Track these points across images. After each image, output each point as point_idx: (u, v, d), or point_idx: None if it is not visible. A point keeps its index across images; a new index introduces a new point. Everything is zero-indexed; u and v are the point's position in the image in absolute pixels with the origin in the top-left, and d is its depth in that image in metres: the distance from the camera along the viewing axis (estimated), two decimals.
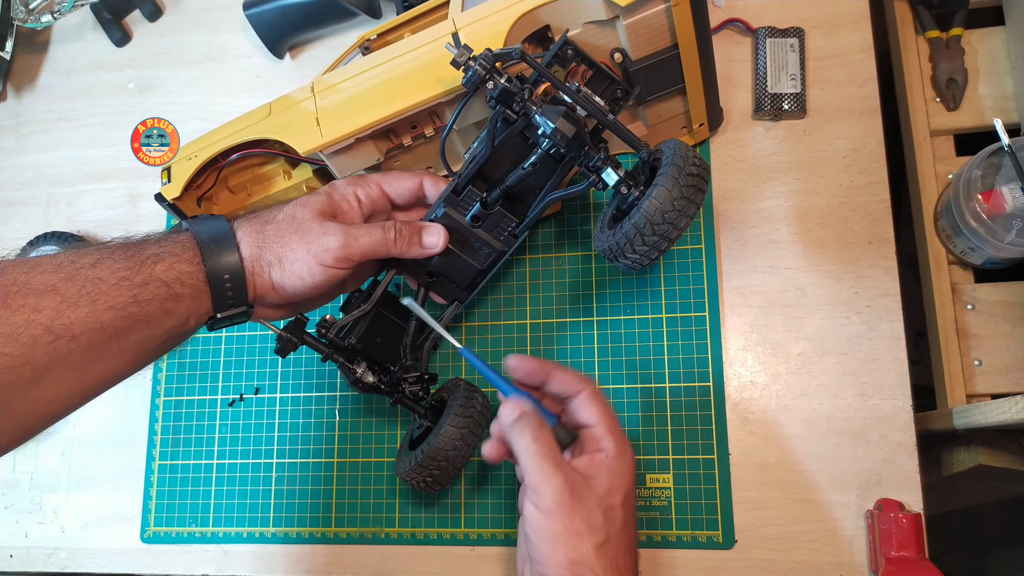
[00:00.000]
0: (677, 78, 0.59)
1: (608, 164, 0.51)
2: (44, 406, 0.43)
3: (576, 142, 0.50)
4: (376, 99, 0.56)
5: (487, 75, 0.49)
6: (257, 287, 0.50)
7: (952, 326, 0.67)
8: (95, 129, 0.84)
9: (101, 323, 0.43)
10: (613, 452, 0.49)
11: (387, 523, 0.68)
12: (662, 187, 0.47)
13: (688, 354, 0.65)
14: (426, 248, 0.55)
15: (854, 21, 0.69)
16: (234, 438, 0.72)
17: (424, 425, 0.61)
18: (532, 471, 0.47)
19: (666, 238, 0.48)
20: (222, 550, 0.70)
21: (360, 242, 0.51)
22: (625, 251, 0.50)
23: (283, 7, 0.76)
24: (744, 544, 0.62)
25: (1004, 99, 0.70)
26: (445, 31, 0.56)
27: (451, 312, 0.60)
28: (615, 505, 0.48)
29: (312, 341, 0.56)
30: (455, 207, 0.56)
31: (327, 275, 0.50)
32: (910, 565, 0.56)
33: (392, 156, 0.62)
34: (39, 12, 0.83)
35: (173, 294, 0.46)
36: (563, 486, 0.46)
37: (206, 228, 0.50)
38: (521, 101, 0.50)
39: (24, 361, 0.41)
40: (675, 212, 0.47)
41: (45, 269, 0.44)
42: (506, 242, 0.57)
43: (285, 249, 0.50)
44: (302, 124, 0.58)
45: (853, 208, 0.66)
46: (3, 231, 0.83)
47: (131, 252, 0.47)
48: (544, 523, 0.46)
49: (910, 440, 0.61)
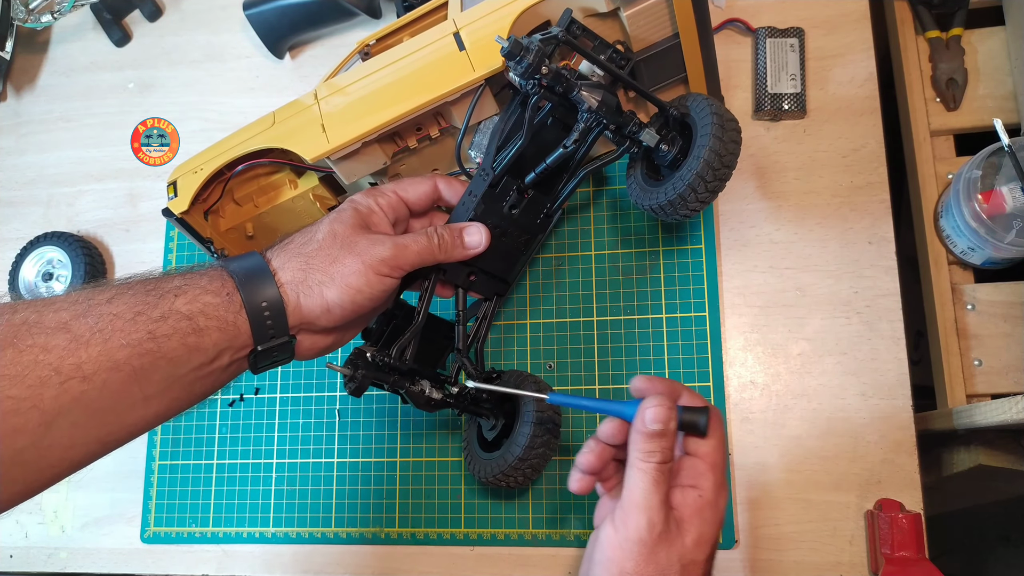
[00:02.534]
0: (679, 67, 0.60)
1: (642, 127, 0.54)
2: (59, 453, 0.41)
3: (618, 112, 0.53)
4: (382, 102, 0.56)
5: (541, 63, 0.50)
6: (304, 312, 0.47)
7: (952, 326, 0.66)
8: (95, 129, 0.84)
9: (116, 362, 0.41)
10: (709, 495, 0.46)
11: (387, 523, 0.68)
12: (715, 135, 0.51)
13: (688, 354, 0.65)
14: (469, 249, 0.54)
15: (854, 21, 0.69)
16: (234, 438, 0.72)
17: (498, 424, 0.60)
18: (636, 491, 0.44)
19: (724, 180, 0.52)
20: (222, 550, 0.70)
21: (410, 250, 0.50)
22: (688, 201, 0.53)
23: (283, 7, 0.76)
24: (744, 544, 0.62)
25: (1004, 99, 0.70)
26: (446, 31, 0.56)
27: (493, 308, 0.60)
28: (698, 561, 0.44)
29: (382, 374, 0.53)
30: (491, 201, 0.55)
31: (384, 284, 0.49)
32: (910, 565, 0.56)
33: (398, 160, 0.62)
34: (39, 12, 0.83)
35: (196, 328, 0.43)
36: (657, 524, 0.43)
37: (238, 262, 0.47)
38: (566, 82, 0.51)
39: (31, 404, 0.38)
40: (729, 155, 0.52)
41: (59, 307, 0.41)
42: (542, 224, 0.59)
43: (335, 265, 0.48)
44: (308, 131, 0.58)
45: (853, 208, 0.66)
46: (3, 231, 0.83)
47: (151, 286, 0.44)
48: (616, 553, 0.44)
49: (910, 440, 0.61)
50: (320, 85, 0.60)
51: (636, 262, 0.68)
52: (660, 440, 0.45)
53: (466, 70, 0.55)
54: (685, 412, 0.47)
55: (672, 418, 0.45)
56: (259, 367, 0.48)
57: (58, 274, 0.78)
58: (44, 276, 0.78)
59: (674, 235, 0.68)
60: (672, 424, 0.45)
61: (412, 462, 0.68)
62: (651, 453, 0.45)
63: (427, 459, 0.68)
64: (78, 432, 0.41)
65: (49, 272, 0.78)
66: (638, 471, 0.45)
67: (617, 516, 0.44)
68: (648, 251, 0.68)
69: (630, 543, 0.43)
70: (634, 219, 0.69)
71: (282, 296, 0.47)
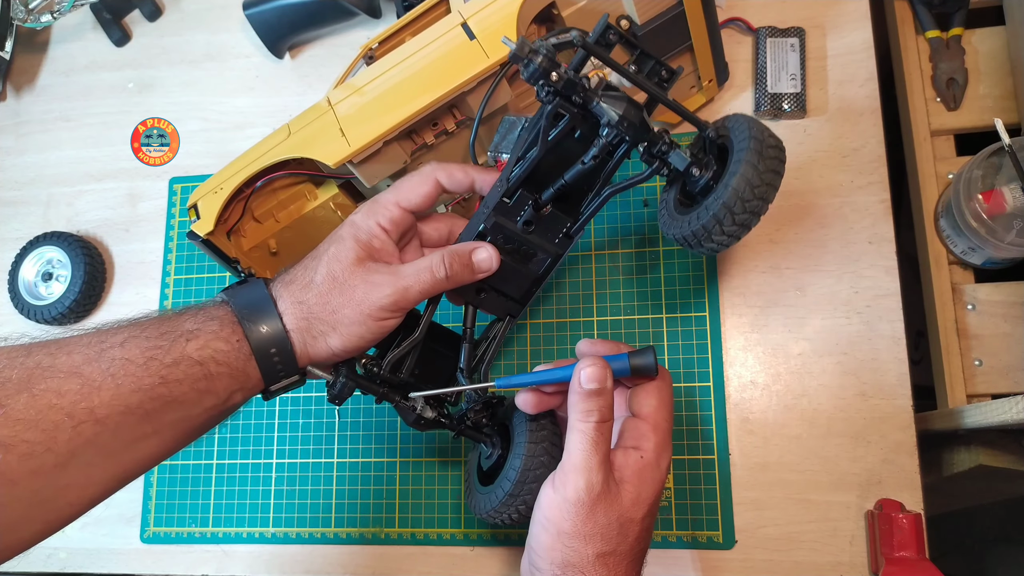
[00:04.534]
0: (684, 36, 0.60)
1: (673, 148, 0.48)
2: (76, 492, 0.42)
3: (642, 129, 0.47)
4: (400, 98, 0.56)
5: (550, 67, 0.46)
6: (312, 356, 0.47)
7: (952, 326, 0.66)
8: (95, 129, 0.84)
9: (128, 406, 0.41)
10: (651, 456, 0.46)
11: (387, 523, 0.68)
12: (741, 175, 0.45)
13: (688, 354, 0.65)
14: (478, 272, 0.51)
15: (854, 21, 0.69)
16: (234, 438, 0.72)
17: (494, 454, 0.56)
18: (575, 452, 0.44)
19: (756, 214, 0.46)
20: (222, 550, 0.70)
21: (412, 291, 0.48)
22: (713, 233, 0.47)
23: (283, 7, 0.76)
24: (744, 544, 0.62)
25: (1004, 99, 0.70)
26: (453, 23, 0.56)
27: (505, 328, 0.55)
28: (635, 519, 0.45)
29: (366, 384, 0.51)
30: (505, 214, 0.51)
31: (386, 327, 0.48)
32: (910, 565, 0.56)
33: (417, 157, 0.62)
34: (39, 12, 0.83)
35: (207, 374, 0.44)
36: (596, 485, 0.43)
37: (244, 299, 0.47)
38: (583, 91, 0.46)
39: (46, 448, 0.39)
40: (756, 200, 0.46)
41: (72, 349, 0.42)
42: (561, 245, 0.53)
43: (336, 316, 0.47)
44: (326, 136, 0.57)
45: (853, 208, 0.66)
46: (3, 231, 0.83)
47: (164, 329, 0.44)
48: (555, 513, 0.44)
49: (910, 440, 0.61)
50: (332, 90, 0.59)
51: (636, 262, 0.68)
52: (597, 399, 0.45)
53: (480, 58, 0.54)
54: (632, 356, 0.46)
55: (608, 376, 0.45)
56: (270, 398, 0.49)
57: (58, 274, 0.78)
58: (44, 276, 0.78)
59: None
60: (608, 383, 0.45)
61: (412, 462, 0.68)
62: (589, 413, 0.45)
63: (427, 459, 0.68)
64: (94, 471, 0.42)
65: (49, 272, 0.78)
66: (577, 432, 0.45)
67: (557, 477, 0.45)
68: (648, 251, 0.68)
69: (568, 504, 0.43)
70: (634, 219, 0.69)
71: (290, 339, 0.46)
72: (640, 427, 0.47)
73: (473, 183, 0.52)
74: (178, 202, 0.79)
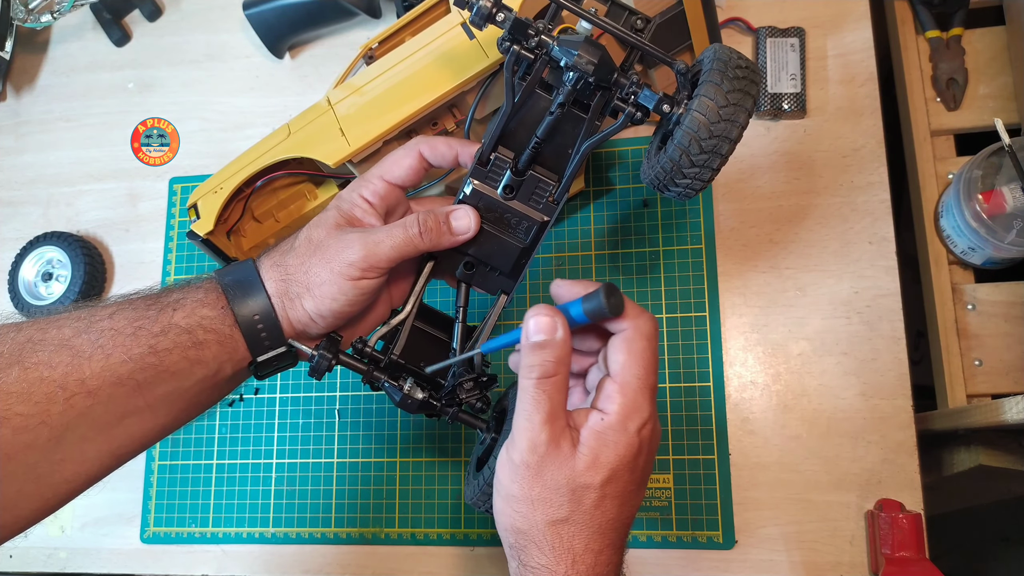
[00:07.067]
0: (684, 36, 0.60)
1: (642, 88, 0.45)
2: (72, 468, 0.42)
3: (604, 68, 0.44)
4: (400, 98, 0.56)
5: (494, 8, 0.43)
6: (293, 323, 0.47)
7: (952, 326, 0.66)
8: (95, 129, 0.84)
9: (119, 376, 0.41)
10: (613, 418, 0.41)
11: (387, 523, 0.68)
12: (703, 96, 0.42)
13: (688, 354, 0.65)
14: (457, 234, 0.49)
15: (854, 21, 0.69)
16: (234, 438, 0.72)
17: (487, 439, 0.54)
18: (520, 414, 0.41)
19: (717, 153, 0.43)
20: (222, 550, 0.70)
21: (382, 247, 0.46)
22: (674, 177, 0.45)
23: (283, 7, 0.76)
24: (744, 544, 0.62)
25: (1004, 99, 0.70)
26: (453, 23, 0.56)
27: (501, 305, 0.53)
28: (591, 485, 0.41)
29: (349, 361, 0.50)
30: (484, 180, 0.50)
31: (359, 288, 0.46)
32: (910, 565, 0.56)
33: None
34: (39, 12, 0.83)
35: (196, 341, 0.44)
36: (540, 446, 0.40)
37: (230, 272, 0.47)
38: (536, 34, 0.45)
39: (40, 420, 0.39)
40: (723, 122, 0.42)
41: (62, 324, 0.42)
42: (546, 210, 0.50)
43: (309, 275, 0.46)
44: (326, 135, 0.57)
45: (853, 208, 0.66)
46: (3, 231, 0.83)
47: (151, 301, 0.44)
48: (504, 475, 0.42)
49: (910, 440, 0.61)
50: (332, 90, 0.59)
51: (636, 262, 0.68)
52: (541, 352, 0.41)
53: (479, 57, 0.55)
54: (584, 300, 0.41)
55: (557, 326, 0.41)
56: (262, 375, 0.48)
57: (58, 274, 0.78)
58: (44, 276, 0.78)
59: (674, 235, 0.68)
60: (559, 333, 0.41)
61: (412, 462, 0.68)
62: (531, 368, 0.41)
63: (427, 459, 0.68)
64: (88, 446, 0.42)
65: (49, 272, 0.78)
66: (520, 390, 0.42)
67: (509, 439, 0.43)
68: (648, 251, 0.68)
69: (513, 465, 0.41)
70: (634, 219, 0.69)
71: (273, 307, 0.46)
72: (607, 387, 0.42)
73: (457, 156, 0.51)
74: (178, 202, 0.79)
